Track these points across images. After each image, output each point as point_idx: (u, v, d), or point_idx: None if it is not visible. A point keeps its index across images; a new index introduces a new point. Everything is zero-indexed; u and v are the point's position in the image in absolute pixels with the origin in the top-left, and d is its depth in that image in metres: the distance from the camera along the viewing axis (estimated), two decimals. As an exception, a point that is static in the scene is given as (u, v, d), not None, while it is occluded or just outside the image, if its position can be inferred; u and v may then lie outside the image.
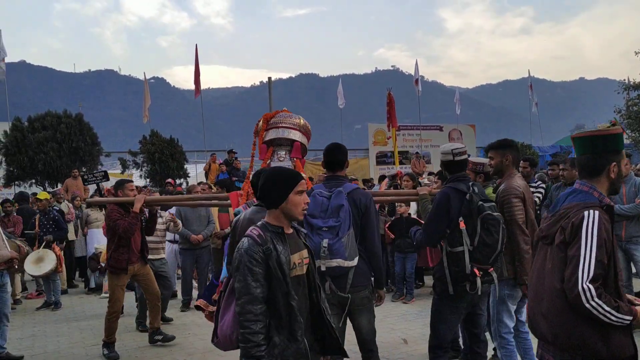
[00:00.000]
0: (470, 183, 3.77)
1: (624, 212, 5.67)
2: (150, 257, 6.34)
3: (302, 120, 5.67)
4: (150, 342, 6.10)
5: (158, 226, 6.57)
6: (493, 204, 3.72)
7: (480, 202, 3.64)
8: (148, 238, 6.21)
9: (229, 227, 6.66)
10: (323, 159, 3.89)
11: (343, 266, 3.52)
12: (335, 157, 3.87)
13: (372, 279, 3.84)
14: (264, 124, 5.55)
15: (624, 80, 24.06)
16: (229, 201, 5.40)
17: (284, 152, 5.49)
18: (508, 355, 4.04)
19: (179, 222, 7.60)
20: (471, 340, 4.00)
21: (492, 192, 4.29)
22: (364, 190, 3.93)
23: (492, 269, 3.69)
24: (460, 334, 4.90)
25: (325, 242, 3.49)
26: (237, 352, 5.72)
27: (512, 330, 4.06)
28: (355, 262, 3.58)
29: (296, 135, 5.56)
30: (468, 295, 3.67)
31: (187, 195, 8.18)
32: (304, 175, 5.71)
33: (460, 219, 3.64)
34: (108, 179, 14.44)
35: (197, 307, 4.70)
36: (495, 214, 3.63)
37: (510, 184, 4.03)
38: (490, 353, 4.87)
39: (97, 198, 6.57)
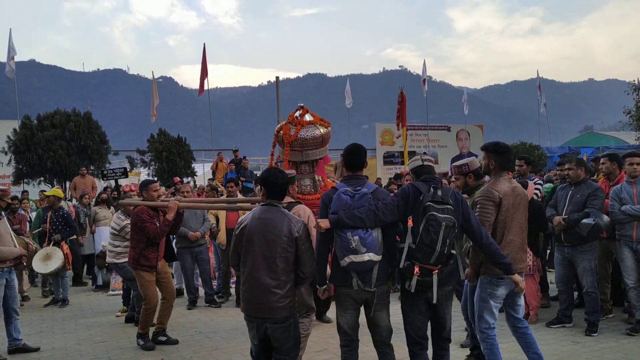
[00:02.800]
0: (433, 185, 3.76)
1: (636, 212, 5.63)
2: (115, 260, 6.75)
3: (322, 130, 5.82)
4: (153, 341, 6.03)
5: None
6: (447, 206, 3.64)
7: (429, 203, 3.62)
8: (116, 243, 6.74)
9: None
10: (343, 158, 3.95)
11: (374, 260, 3.57)
12: (358, 159, 3.92)
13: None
14: (287, 147, 5.71)
15: (634, 81, 23.93)
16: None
17: (307, 166, 5.74)
18: (489, 349, 4.17)
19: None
20: (435, 340, 3.98)
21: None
22: (384, 189, 4.04)
23: (436, 270, 3.65)
24: (469, 328, 4.96)
25: (356, 237, 3.52)
26: (241, 349, 5.77)
27: (492, 325, 4.19)
28: (380, 257, 3.63)
29: (318, 154, 5.78)
30: (423, 292, 3.69)
31: (221, 199, 8.31)
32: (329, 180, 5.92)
33: (410, 216, 3.71)
34: (127, 176, 14.49)
35: None
36: (441, 215, 3.57)
37: (489, 187, 4.26)
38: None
39: (131, 200, 6.71)
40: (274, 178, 3.78)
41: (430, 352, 3.95)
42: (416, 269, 3.63)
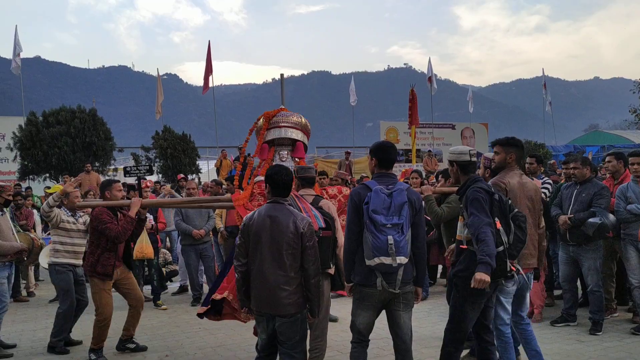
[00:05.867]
0: (489, 185, 3.94)
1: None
2: (74, 262, 5.99)
3: (302, 119, 5.61)
4: (119, 348, 5.76)
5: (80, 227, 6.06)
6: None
7: (508, 201, 3.86)
8: (74, 241, 5.96)
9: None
10: (376, 155, 3.87)
11: (402, 263, 3.55)
12: (392, 156, 3.91)
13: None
14: (265, 123, 5.49)
15: (640, 79, 23.84)
16: (230, 203, 5.30)
17: (285, 152, 5.47)
18: (503, 346, 4.19)
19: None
20: (481, 330, 4.08)
21: None
22: (414, 190, 4.00)
23: (514, 266, 3.85)
24: None
25: (391, 239, 3.48)
26: (245, 346, 5.78)
27: (507, 322, 4.18)
28: (407, 259, 3.61)
29: (298, 135, 5.49)
30: (488, 291, 3.79)
31: (187, 198, 8.24)
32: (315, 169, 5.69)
33: (496, 219, 3.74)
34: (152, 173, 14.41)
35: (199, 315, 4.85)
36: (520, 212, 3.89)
37: (498, 179, 4.26)
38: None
39: (87, 201, 6.11)
40: (278, 176, 3.81)
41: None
42: (514, 267, 3.80)
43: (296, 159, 5.52)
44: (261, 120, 5.53)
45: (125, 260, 5.71)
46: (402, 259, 3.53)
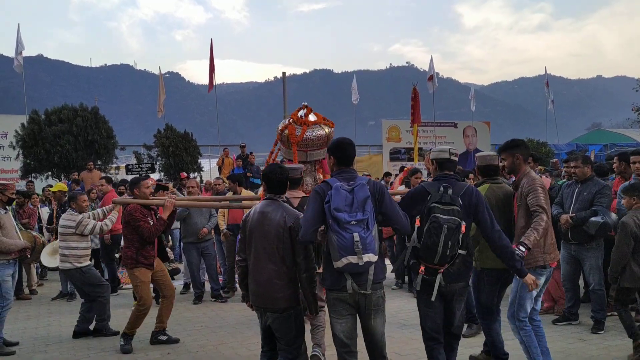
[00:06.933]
0: (444, 185, 3.76)
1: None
2: (77, 264, 6.12)
3: (326, 129, 5.86)
4: (152, 342, 5.88)
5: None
6: (454, 207, 3.62)
7: (434, 204, 3.64)
8: (73, 244, 6.11)
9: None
10: (334, 154, 3.76)
11: (372, 261, 3.41)
12: (350, 153, 3.79)
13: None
14: (293, 147, 5.71)
15: (643, 78, 23.74)
16: (259, 201, 5.54)
17: (310, 166, 5.92)
18: (528, 336, 4.25)
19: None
20: (446, 336, 3.97)
21: (514, 189, 4.49)
22: (379, 182, 4.02)
23: (442, 269, 3.70)
24: (475, 303, 4.93)
25: (357, 236, 3.33)
26: (247, 344, 5.77)
27: (528, 314, 4.23)
28: (377, 257, 3.46)
29: (320, 154, 5.93)
30: (434, 288, 3.72)
31: (217, 197, 8.31)
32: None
33: (417, 217, 3.74)
34: (154, 171, 14.46)
35: None
36: (444, 217, 3.57)
37: (533, 176, 4.33)
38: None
39: (124, 198, 6.40)
40: (273, 174, 3.93)
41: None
42: (422, 268, 3.71)
43: (319, 176, 5.96)
44: (285, 131, 5.76)
45: (159, 252, 5.98)
46: (371, 257, 3.38)
